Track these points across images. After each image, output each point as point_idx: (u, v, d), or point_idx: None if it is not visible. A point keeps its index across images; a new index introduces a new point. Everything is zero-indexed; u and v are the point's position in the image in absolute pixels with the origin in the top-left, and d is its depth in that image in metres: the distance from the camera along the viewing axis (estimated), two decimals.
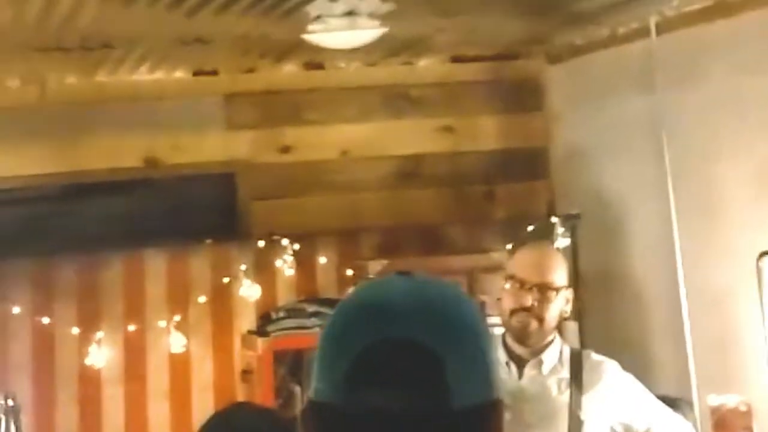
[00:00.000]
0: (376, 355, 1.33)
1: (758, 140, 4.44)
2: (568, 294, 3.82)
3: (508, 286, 3.77)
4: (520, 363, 3.79)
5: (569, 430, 3.72)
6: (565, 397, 3.78)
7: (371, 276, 4.99)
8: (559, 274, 3.81)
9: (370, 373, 1.33)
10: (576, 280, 5.21)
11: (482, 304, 4.81)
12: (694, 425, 4.31)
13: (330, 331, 1.40)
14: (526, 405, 3.75)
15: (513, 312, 3.79)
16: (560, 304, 3.80)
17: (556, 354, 3.85)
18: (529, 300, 3.76)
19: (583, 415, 3.74)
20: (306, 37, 4.43)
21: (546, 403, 3.77)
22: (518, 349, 3.80)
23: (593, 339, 4.91)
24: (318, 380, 1.38)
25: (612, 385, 3.82)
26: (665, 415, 3.83)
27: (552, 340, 3.84)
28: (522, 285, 3.75)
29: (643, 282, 5.05)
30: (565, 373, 3.81)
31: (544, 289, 3.77)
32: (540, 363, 3.81)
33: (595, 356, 4.01)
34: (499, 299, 3.85)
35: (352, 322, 1.38)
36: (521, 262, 3.83)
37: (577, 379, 3.79)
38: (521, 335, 3.83)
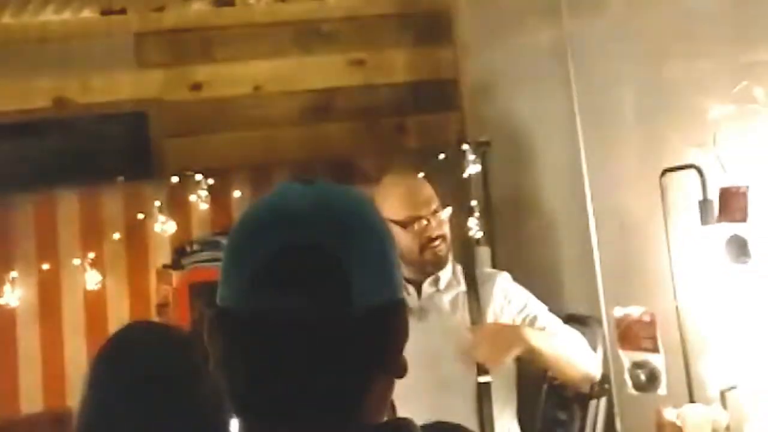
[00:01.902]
0: (279, 260, 1.36)
1: (659, 65, 4.50)
2: (441, 214, 3.91)
3: (407, 229, 3.80)
4: (417, 283, 3.87)
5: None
6: (464, 308, 3.87)
7: None
8: (433, 196, 3.91)
9: (274, 278, 1.36)
10: (487, 206, 5.30)
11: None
12: (603, 339, 4.43)
13: (234, 238, 1.43)
14: (429, 321, 3.83)
15: (422, 248, 3.85)
16: (448, 220, 3.92)
17: (449, 270, 3.94)
18: (434, 230, 3.84)
19: (481, 323, 3.84)
20: None
21: (448, 317, 3.85)
22: (412, 274, 3.87)
23: (505, 263, 4.98)
24: (223, 286, 1.42)
25: (506, 289, 3.94)
26: (557, 318, 3.97)
27: None
28: (419, 220, 3.81)
29: (552, 206, 5.12)
30: (462, 287, 3.91)
31: (437, 214, 3.86)
32: (437, 280, 3.91)
33: (487, 269, 4.14)
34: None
35: (255, 229, 1.41)
36: (402, 200, 3.85)
37: (473, 291, 3.89)
38: (438, 264, 3.90)
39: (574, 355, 3.89)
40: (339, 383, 1.38)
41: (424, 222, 3.82)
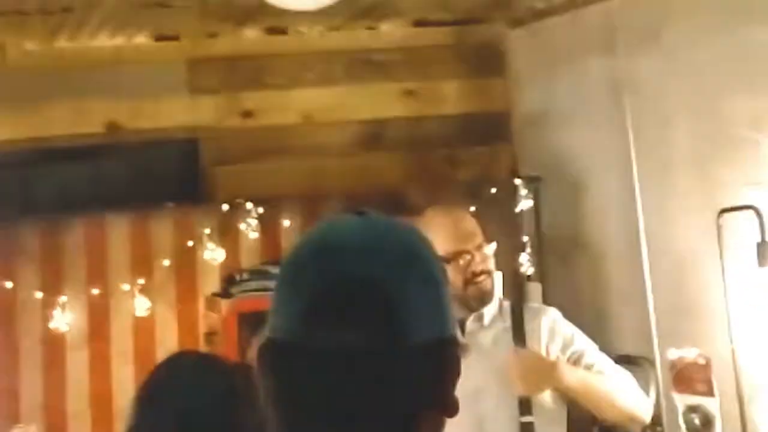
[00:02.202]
0: (332, 293, 1.35)
1: (715, 101, 4.48)
2: (486, 249, 3.89)
3: (451, 264, 3.77)
4: (460, 320, 3.82)
5: None
6: (508, 345, 3.83)
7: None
8: (477, 230, 3.89)
9: (327, 311, 1.34)
10: (539, 242, 5.26)
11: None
12: (656, 381, 4.38)
13: (287, 269, 1.41)
14: (470, 358, 3.79)
15: (467, 283, 3.83)
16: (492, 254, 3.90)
17: (495, 305, 3.91)
18: (478, 264, 3.82)
19: None
20: None
21: (489, 354, 3.81)
22: (456, 310, 3.83)
23: (556, 300, 4.93)
24: (275, 317, 1.40)
25: (553, 324, 3.89)
26: (606, 357, 3.91)
27: None
28: (463, 255, 3.79)
29: (605, 243, 5.08)
30: (507, 323, 3.87)
31: (482, 249, 3.83)
32: (481, 317, 3.87)
33: (535, 304, 4.10)
34: None
35: (308, 260, 1.39)
36: (447, 234, 3.83)
37: (518, 327, 3.85)
38: (482, 299, 3.87)
39: (619, 395, 3.80)
40: (390, 420, 1.36)
41: (468, 256, 3.80)
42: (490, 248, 3.89)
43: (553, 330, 3.90)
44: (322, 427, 1.36)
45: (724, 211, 4.19)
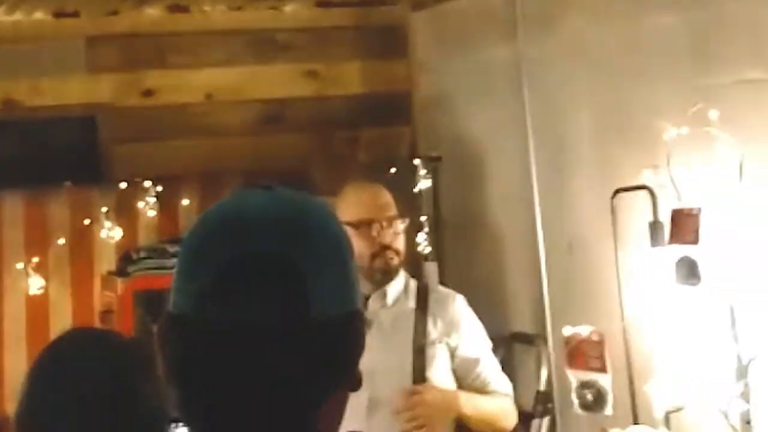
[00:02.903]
0: (236, 267, 1.33)
1: (614, 86, 4.53)
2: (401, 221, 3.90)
3: (360, 231, 3.77)
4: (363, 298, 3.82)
5: (414, 358, 3.78)
6: (410, 326, 3.84)
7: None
8: (393, 203, 3.90)
9: (230, 286, 1.32)
10: (437, 221, 5.29)
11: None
12: (548, 358, 4.43)
13: (190, 243, 1.39)
14: (369, 337, 3.79)
15: (374, 255, 3.82)
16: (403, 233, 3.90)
17: (400, 286, 3.91)
18: (387, 237, 3.81)
19: (429, 343, 3.82)
20: None
21: (389, 335, 3.82)
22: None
23: (453, 279, 4.96)
24: (176, 293, 1.38)
25: (458, 314, 3.92)
26: (493, 359, 3.97)
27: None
28: (373, 224, 3.79)
29: (502, 224, 5.13)
30: (411, 304, 3.88)
31: (394, 222, 3.83)
32: (384, 295, 3.87)
33: (443, 288, 4.11)
34: None
35: (212, 235, 1.37)
36: (361, 203, 3.84)
37: (423, 309, 3.86)
38: (386, 274, 3.87)
39: (501, 418, 3.97)
40: (293, 395, 1.34)
41: (378, 227, 3.79)
42: (402, 225, 3.89)
43: (460, 320, 3.92)
44: (223, 402, 1.34)
45: (618, 191, 4.24)
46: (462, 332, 3.90)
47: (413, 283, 4.00)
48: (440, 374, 3.84)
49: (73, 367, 2.24)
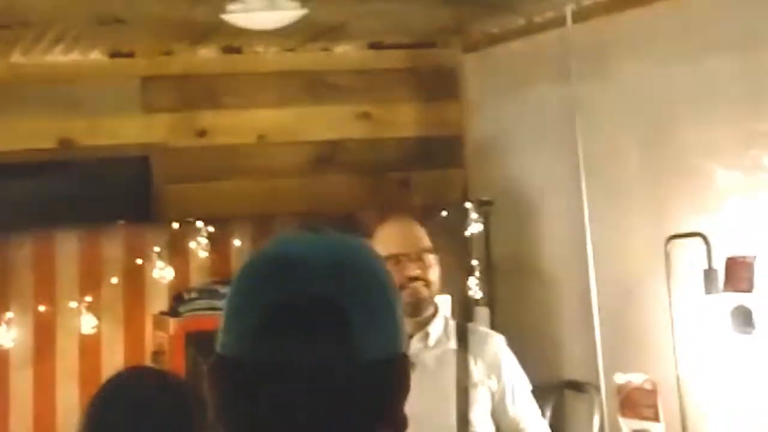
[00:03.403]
0: (284, 309, 1.33)
1: (667, 129, 4.51)
2: (434, 256, 3.89)
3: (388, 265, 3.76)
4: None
5: (457, 400, 3.76)
6: (452, 367, 3.82)
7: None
8: (427, 238, 3.88)
9: (278, 327, 1.33)
10: (488, 266, 5.27)
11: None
12: (600, 406, 4.38)
13: (239, 285, 1.40)
14: (413, 378, 3.77)
15: (401, 286, 3.81)
16: (437, 266, 3.87)
17: (441, 325, 3.89)
18: (413, 269, 3.80)
19: (471, 384, 3.79)
20: (225, 17, 4.43)
21: (433, 375, 3.80)
22: None
23: (504, 325, 4.93)
24: (225, 333, 1.38)
25: (499, 354, 3.89)
26: (532, 402, 3.94)
27: (435, 313, 3.89)
28: (401, 258, 3.78)
29: (554, 268, 5.10)
30: (452, 344, 3.85)
31: (423, 255, 3.82)
32: (426, 335, 3.85)
33: (482, 328, 4.09)
34: None
35: (260, 276, 1.38)
36: (390, 239, 3.84)
37: (464, 350, 3.84)
38: (415, 306, 3.84)
39: None
40: None
41: (406, 259, 3.78)
42: (434, 259, 3.88)
43: (500, 361, 3.90)
44: None
45: (672, 237, 4.21)
46: (502, 374, 3.88)
47: (452, 323, 3.98)
48: (481, 416, 3.82)
49: (133, 403, 2.26)
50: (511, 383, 3.87)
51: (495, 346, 3.92)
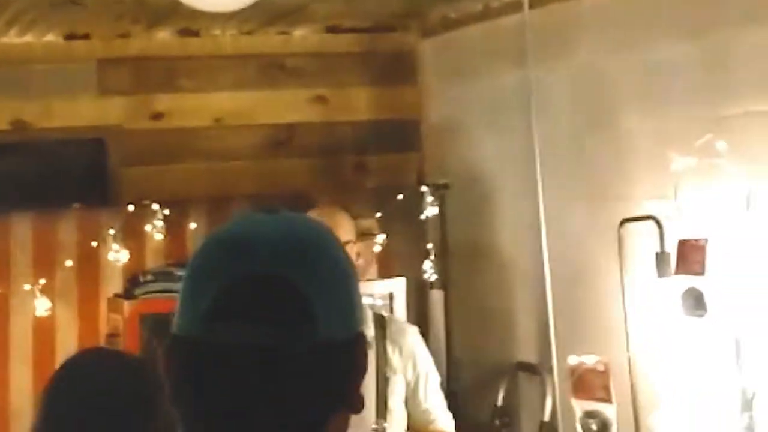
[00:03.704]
0: (240, 289, 1.32)
1: (621, 115, 4.54)
2: (357, 248, 3.90)
3: None
4: None
5: (377, 387, 3.80)
6: (372, 355, 3.84)
7: None
8: (346, 229, 3.89)
9: (233, 307, 1.32)
10: (443, 249, 5.29)
11: None
12: (552, 387, 4.42)
13: (194, 265, 1.39)
14: None
15: None
16: (362, 258, 3.90)
17: None
18: None
19: (390, 371, 3.83)
20: None
21: None
22: None
23: (458, 307, 4.97)
24: (180, 314, 1.37)
25: (415, 345, 3.94)
26: (440, 394, 3.97)
27: None
28: None
29: (508, 251, 5.12)
30: (370, 332, 3.88)
31: (348, 245, 3.83)
32: None
33: (399, 319, 4.13)
34: None
35: (216, 257, 1.37)
36: None
37: (383, 339, 3.87)
38: None
39: None
40: (298, 417, 1.34)
41: None
42: (353, 248, 3.89)
43: (414, 352, 3.94)
44: (227, 423, 1.33)
45: (625, 221, 4.24)
46: (418, 364, 3.93)
47: (370, 312, 4.00)
48: (398, 405, 3.87)
49: (92, 383, 2.25)
50: (424, 374, 3.93)
51: (411, 337, 3.97)
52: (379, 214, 5.30)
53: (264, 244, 1.36)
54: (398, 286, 5.03)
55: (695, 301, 3.80)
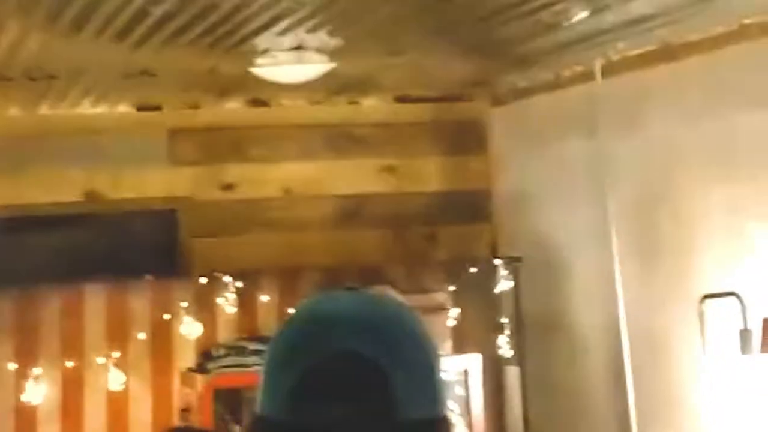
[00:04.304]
0: (322, 369, 1.31)
1: (698, 185, 4.49)
2: None
3: None
4: None
5: None
6: None
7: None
8: None
9: (316, 387, 1.31)
10: (518, 323, 5.23)
11: None
12: None
13: (276, 345, 1.38)
14: None
15: None
16: None
17: None
18: None
19: None
20: (253, 70, 4.44)
21: None
22: None
23: (534, 382, 4.91)
24: (263, 394, 1.36)
25: None
26: None
27: None
28: None
29: (584, 326, 5.06)
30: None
31: None
32: None
33: None
34: None
35: (298, 336, 1.36)
36: None
37: None
38: None
39: None
40: None
41: None
42: None
43: None
44: None
45: (706, 297, 4.18)
46: None
47: None
48: None
49: None
50: None
51: None
52: (451, 288, 5.27)
53: (345, 322, 1.34)
54: (473, 362, 4.97)
55: None
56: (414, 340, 1.37)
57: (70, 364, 5.14)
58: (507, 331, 5.05)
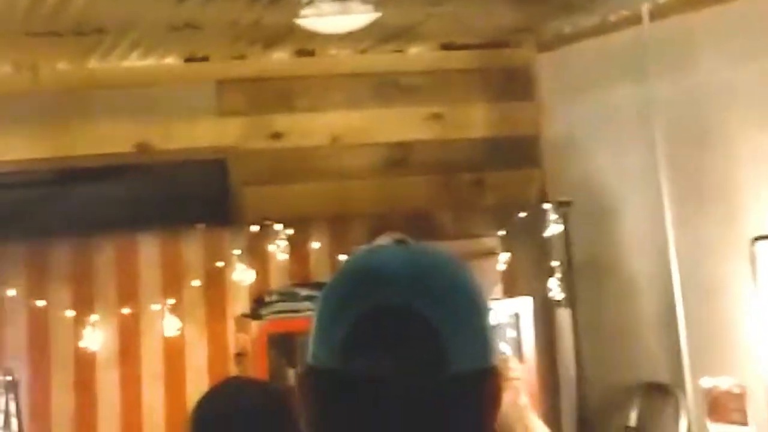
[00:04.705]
0: (373, 322, 1.34)
1: (749, 127, 4.48)
2: None
3: None
4: None
5: None
6: None
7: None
8: None
9: (367, 339, 1.34)
10: (568, 267, 5.25)
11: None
12: (686, 410, 4.36)
13: (327, 297, 1.41)
14: None
15: None
16: None
17: None
18: None
19: None
20: (298, 21, 4.46)
21: None
22: None
23: (586, 326, 4.93)
24: (315, 346, 1.39)
25: None
26: None
27: None
28: None
29: (635, 269, 5.07)
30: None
31: None
32: None
33: None
34: None
35: (349, 289, 1.39)
36: None
37: None
38: None
39: None
40: None
41: None
42: None
43: None
44: None
45: (757, 239, 4.19)
46: None
47: None
48: None
49: (236, 407, 2.31)
50: None
51: None
52: (501, 232, 5.29)
53: (395, 275, 1.37)
54: (524, 305, 5.00)
55: None
56: (463, 293, 1.40)
57: (126, 311, 5.23)
58: (557, 275, 5.06)
